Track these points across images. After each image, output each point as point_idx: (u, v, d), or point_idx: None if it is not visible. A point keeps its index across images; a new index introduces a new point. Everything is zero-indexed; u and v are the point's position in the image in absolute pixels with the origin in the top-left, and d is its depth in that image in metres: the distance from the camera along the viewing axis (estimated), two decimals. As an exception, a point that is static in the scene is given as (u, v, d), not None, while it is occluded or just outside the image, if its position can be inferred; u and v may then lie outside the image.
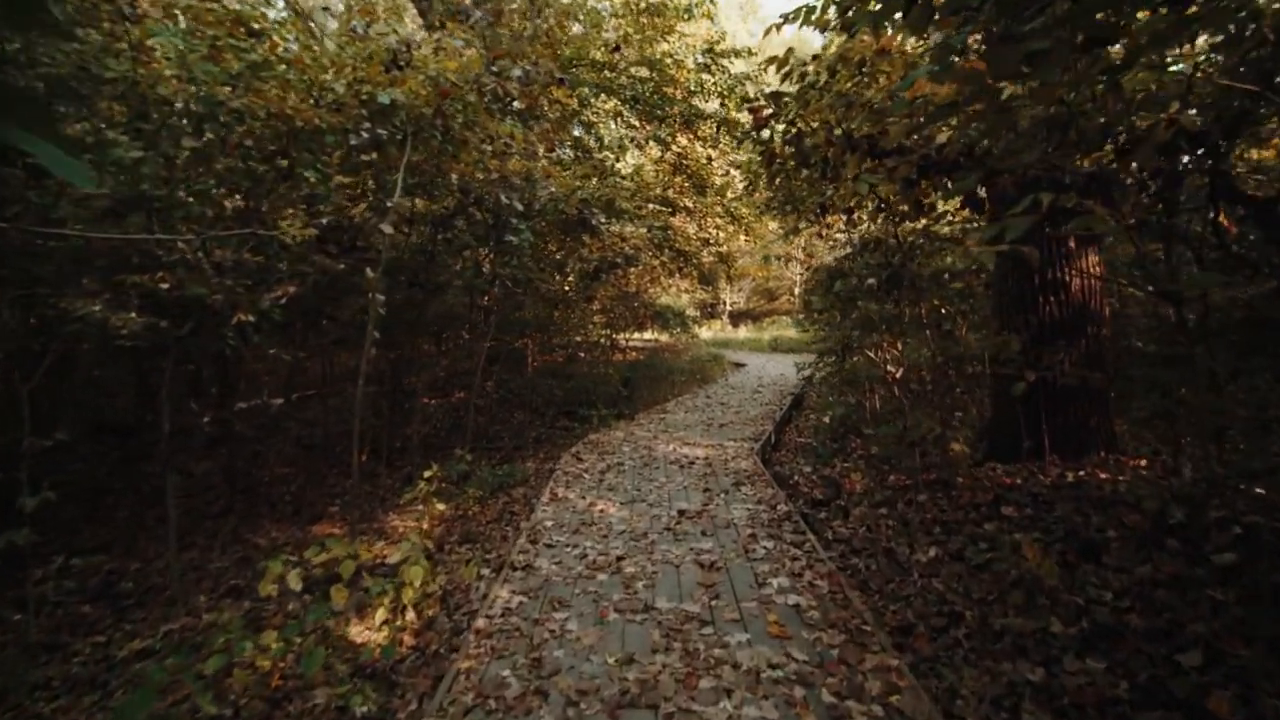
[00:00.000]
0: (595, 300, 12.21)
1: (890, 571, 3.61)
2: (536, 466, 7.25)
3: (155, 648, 3.56)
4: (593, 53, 10.56)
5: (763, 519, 4.13)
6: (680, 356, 16.12)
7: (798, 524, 4.03)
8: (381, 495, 6.79)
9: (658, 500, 4.55)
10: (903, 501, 4.58)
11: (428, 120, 4.66)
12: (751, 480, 5.03)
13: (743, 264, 23.21)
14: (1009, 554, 3.32)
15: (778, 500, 4.50)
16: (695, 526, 4.01)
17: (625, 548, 3.67)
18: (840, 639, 2.65)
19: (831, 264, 6.11)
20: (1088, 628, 2.65)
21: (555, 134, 9.87)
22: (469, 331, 8.77)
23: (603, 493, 4.79)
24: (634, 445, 6.52)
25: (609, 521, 4.14)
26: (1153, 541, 3.05)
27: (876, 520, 4.36)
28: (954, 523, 3.97)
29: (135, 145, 4.09)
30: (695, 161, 12.83)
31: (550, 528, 4.05)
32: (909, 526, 4.10)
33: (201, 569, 4.89)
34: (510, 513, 5.34)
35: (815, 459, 6.48)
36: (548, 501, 4.62)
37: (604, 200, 7.08)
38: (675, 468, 5.48)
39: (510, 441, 8.92)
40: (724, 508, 4.35)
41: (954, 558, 3.57)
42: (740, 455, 5.92)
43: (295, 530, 5.85)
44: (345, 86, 4.60)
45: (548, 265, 8.98)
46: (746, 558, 3.50)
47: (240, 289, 4.10)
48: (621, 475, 5.30)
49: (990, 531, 3.69)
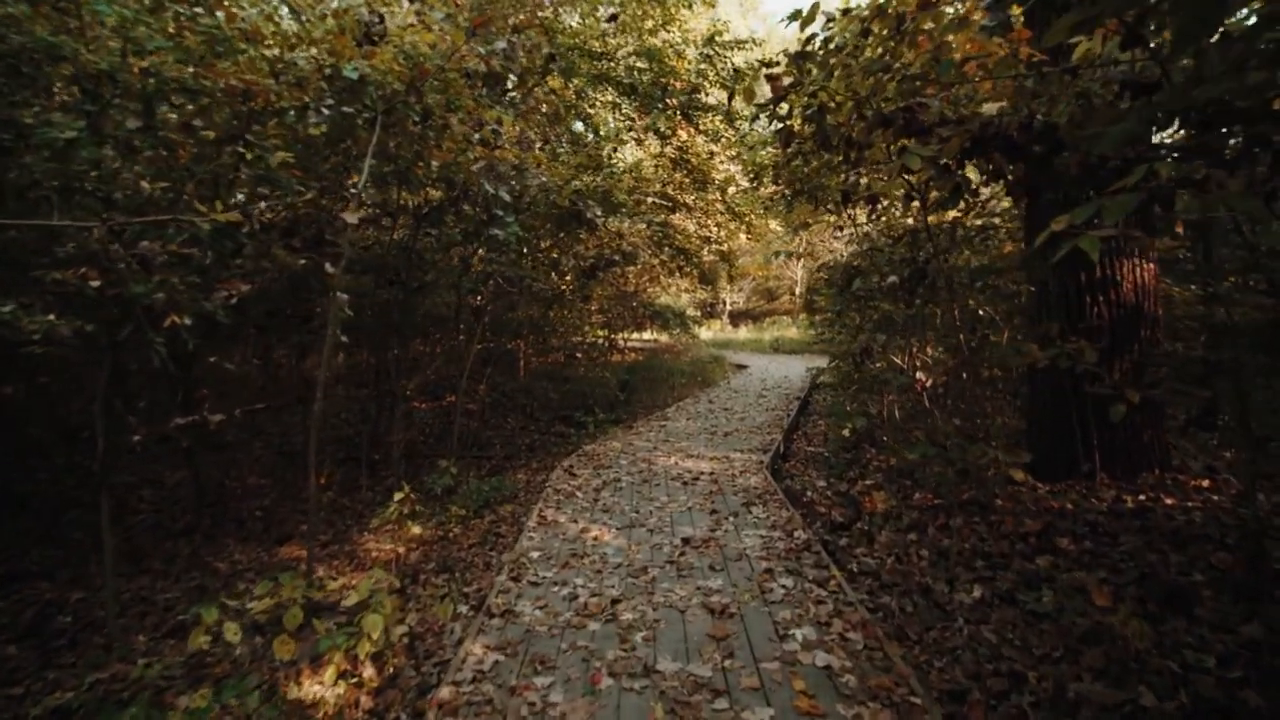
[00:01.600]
0: (593, 300, 11.72)
1: (930, 615, 3.11)
2: (528, 478, 6.75)
3: (74, 705, 3.05)
4: (590, 42, 10.10)
5: (778, 548, 3.63)
6: (680, 358, 15.63)
7: (819, 555, 3.53)
8: (359, 510, 6.29)
9: (659, 524, 4.05)
10: (934, 526, 4.08)
11: (401, 98, 4.16)
12: (763, 499, 4.52)
13: (743, 263, 22.74)
14: (1074, 599, 2.83)
15: (794, 524, 4.01)
16: (702, 558, 3.51)
17: (622, 586, 3.16)
18: (885, 716, 2.15)
19: (845, 261, 5.61)
20: (1189, 704, 2.15)
21: (552, 129, 9.39)
22: (457, 333, 8.26)
23: (597, 515, 4.28)
24: (632, 458, 6.02)
25: (603, 552, 3.64)
26: (1252, 589, 2.56)
27: (906, 548, 3.86)
28: (998, 555, 3.48)
29: (73, 125, 3.59)
30: (696, 156, 12.33)
31: (536, 560, 3.55)
32: (946, 558, 3.60)
33: (149, 600, 4.38)
34: (496, 534, 4.83)
35: (829, 471, 5.99)
36: (535, 526, 4.12)
37: (600, 193, 6.58)
38: (678, 485, 4.97)
39: (502, 450, 8.42)
40: (734, 534, 3.85)
41: (1004, 599, 3.07)
42: (749, 469, 5.42)
43: (261, 552, 5.34)
44: (309, 61, 4.10)
45: (542, 262, 8.49)
46: (763, 600, 3.00)
47: (183, 287, 3.59)
48: (618, 494, 4.80)
49: (1044, 568, 3.19)
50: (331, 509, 6.46)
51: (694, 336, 16.83)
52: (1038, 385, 4.39)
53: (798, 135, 3.59)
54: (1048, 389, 4.27)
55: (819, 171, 4.40)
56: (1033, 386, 4.47)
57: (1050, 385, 4.24)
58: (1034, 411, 4.50)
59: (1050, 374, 4.14)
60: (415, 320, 7.90)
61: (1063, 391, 4.11)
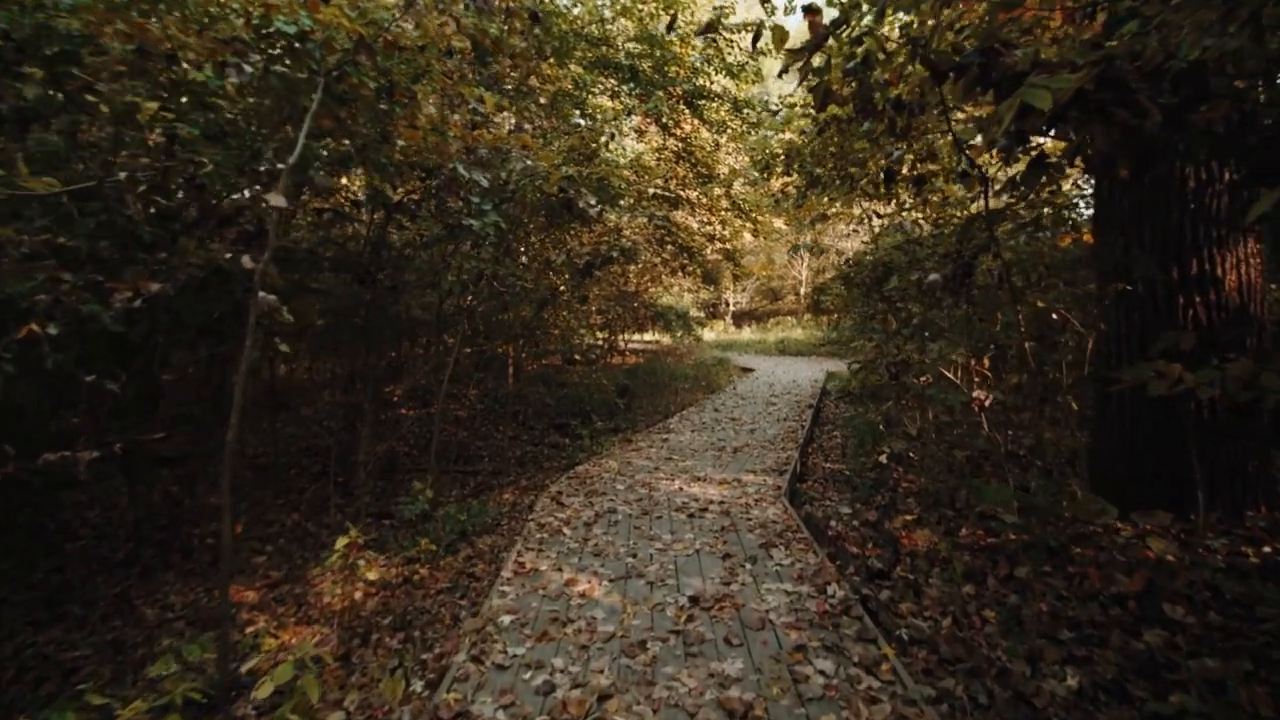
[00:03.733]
0: (591, 300, 11.02)
1: (1013, 712, 2.39)
2: (515, 499, 6.04)
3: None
4: (589, 28, 9.43)
5: (809, 610, 2.92)
6: (683, 361, 14.91)
7: (862, 623, 2.81)
8: (323, 538, 5.58)
9: (660, 574, 3.34)
10: (994, 576, 3.37)
11: (351, 58, 3.45)
12: (784, 539, 3.81)
13: (748, 263, 22.04)
14: (1214, 704, 2.12)
15: (825, 574, 3.29)
16: (714, 625, 2.80)
17: (613, 672, 2.45)
18: None
19: (876, 257, 4.89)
20: None
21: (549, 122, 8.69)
22: (439, 337, 7.57)
23: (586, 560, 3.57)
24: (630, 480, 5.31)
25: (592, 614, 2.92)
26: None
27: (964, 605, 3.15)
28: (1089, 623, 2.76)
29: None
30: (700, 149, 11.63)
31: (508, 628, 2.84)
32: (1019, 623, 2.88)
33: (51, 661, 3.68)
34: (470, 576, 4.12)
35: (853, 494, 5.27)
36: (511, 576, 3.40)
37: (596, 180, 5.88)
38: (682, 517, 4.26)
39: (490, 464, 7.72)
40: (753, 588, 3.14)
41: (1112, 694, 2.36)
42: (764, 497, 4.70)
43: (203, 592, 4.63)
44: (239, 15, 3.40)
45: (534, 259, 7.78)
46: (797, 695, 2.28)
47: (76, 287, 2.90)
48: (613, 529, 4.09)
49: (1157, 647, 2.48)
50: (292, 536, 5.76)
51: (697, 338, 16.11)
52: (1115, 403, 3.67)
53: (837, 95, 2.88)
54: (1132, 408, 3.55)
55: (854, 147, 3.68)
56: (1106, 404, 3.75)
57: (1134, 403, 3.52)
58: (1108, 433, 3.78)
59: (1141, 395, 3.43)
60: (391, 323, 7.20)
61: (1152, 410, 3.40)
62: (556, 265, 7.40)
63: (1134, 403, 3.53)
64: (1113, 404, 3.71)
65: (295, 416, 10.03)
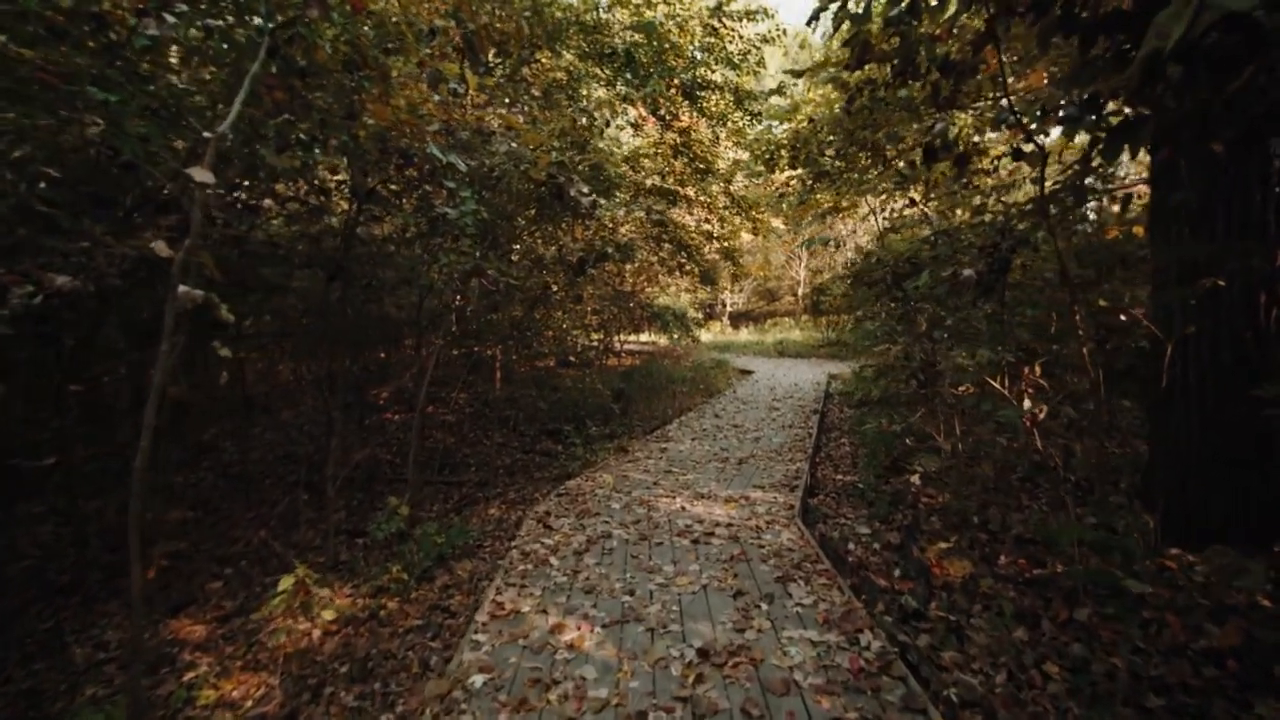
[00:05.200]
0: (585, 300, 10.53)
1: (1104, 809, 1.92)
2: (501, 514, 5.55)
3: None
4: (584, 15, 8.97)
5: (841, 668, 2.44)
6: (681, 363, 14.43)
7: (906, 686, 2.34)
8: (289, 559, 5.07)
9: (662, 617, 2.85)
10: (1049, 619, 2.90)
11: (302, 14, 2.97)
12: (803, 570, 3.34)
13: (746, 262, 21.59)
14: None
15: (854, 618, 2.82)
16: (729, 689, 2.32)
17: (607, 756, 1.97)
18: None
19: (899, 253, 4.42)
20: None
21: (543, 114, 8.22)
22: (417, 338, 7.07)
23: (575, 599, 3.08)
24: (626, 498, 4.82)
25: (581, 673, 2.44)
26: None
27: (1018, 657, 2.68)
28: (1179, 685, 2.30)
29: None
30: (699, 143, 11.17)
31: (479, 692, 2.35)
32: (1091, 682, 2.42)
33: (-46, 714, 3.17)
34: (445, 611, 3.63)
35: (869, 511, 4.80)
36: (487, 620, 2.91)
37: (589, 167, 5.40)
38: (686, 543, 3.78)
39: (476, 474, 7.23)
40: (771, 637, 2.66)
41: (1229, 787, 1.90)
42: (776, 518, 4.23)
43: (146, 623, 4.12)
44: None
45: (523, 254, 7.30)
46: (838, 792, 1.80)
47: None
48: (607, 559, 3.60)
49: (1275, 723, 2.03)
50: (255, 557, 5.25)
51: (695, 339, 15.64)
52: (1179, 416, 3.21)
53: (872, 54, 2.41)
54: (1200, 421, 3.10)
55: (889, 120, 3.20)
56: (1165, 416, 3.29)
57: (1203, 416, 3.07)
58: (1168, 450, 3.32)
59: (1218, 403, 2.98)
60: (369, 323, 6.71)
61: (1226, 424, 2.95)
62: (548, 262, 6.90)
63: (1202, 416, 3.08)
64: (1175, 417, 3.25)
65: (275, 421, 9.51)
